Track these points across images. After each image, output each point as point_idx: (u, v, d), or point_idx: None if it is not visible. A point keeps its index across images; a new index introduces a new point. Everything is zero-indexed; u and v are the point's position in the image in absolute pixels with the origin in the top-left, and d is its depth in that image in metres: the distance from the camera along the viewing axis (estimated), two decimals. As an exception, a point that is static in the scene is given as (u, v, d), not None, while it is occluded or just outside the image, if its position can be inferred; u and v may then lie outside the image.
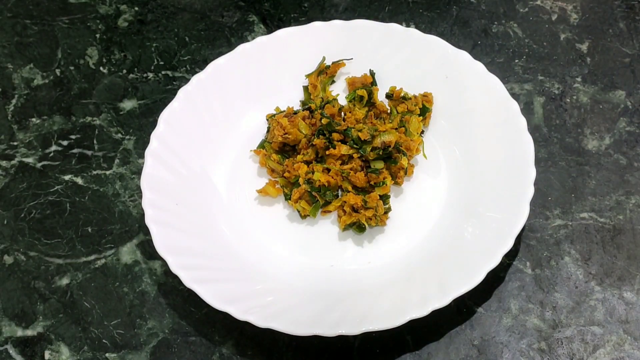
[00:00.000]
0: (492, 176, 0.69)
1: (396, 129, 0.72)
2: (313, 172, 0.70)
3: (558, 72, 0.80)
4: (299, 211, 0.70)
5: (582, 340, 0.64)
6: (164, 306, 0.67)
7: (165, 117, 0.72)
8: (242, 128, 0.76)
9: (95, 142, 0.78)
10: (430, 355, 0.63)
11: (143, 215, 0.67)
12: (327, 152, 0.70)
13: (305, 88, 0.77)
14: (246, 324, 0.61)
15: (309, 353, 0.64)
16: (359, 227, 0.69)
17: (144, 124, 0.79)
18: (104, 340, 0.66)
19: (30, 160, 0.77)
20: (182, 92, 0.74)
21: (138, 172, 0.75)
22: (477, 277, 0.62)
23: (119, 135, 0.78)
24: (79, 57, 0.85)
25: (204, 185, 0.72)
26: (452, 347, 0.64)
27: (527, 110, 0.77)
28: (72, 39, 0.86)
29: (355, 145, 0.70)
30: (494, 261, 0.63)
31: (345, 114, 0.74)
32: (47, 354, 0.65)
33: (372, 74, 0.77)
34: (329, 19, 0.79)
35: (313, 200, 0.70)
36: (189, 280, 0.63)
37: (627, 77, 0.79)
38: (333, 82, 0.78)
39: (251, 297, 0.64)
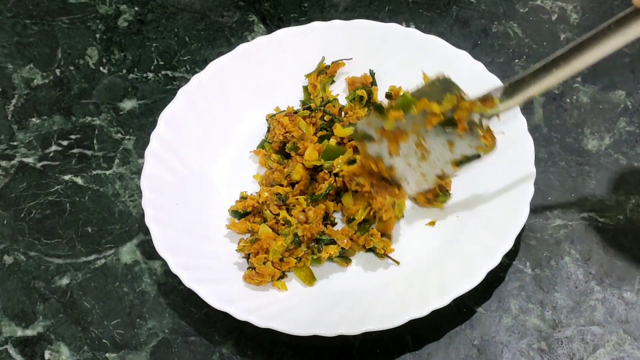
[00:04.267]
0: (492, 176, 0.69)
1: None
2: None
3: (558, 72, 0.80)
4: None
5: (582, 340, 0.64)
6: (164, 306, 0.67)
7: (165, 117, 0.72)
8: (242, 128, 0.76)
9: (95, 142, 0.78)
10: (430, 355, 0.63)
11: (143, 215, 0.67)
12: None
13: (305, 88, 0.77)
14: (246, 324, 0.61)
15: (309, 353, 0.64)
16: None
17: (144, 124, 0.79)
18: (104, 340, 0.66)
19: (30, 160, 0.77)
20: (182, 92, 0.74)
21: (138, 172, 0.75)
22: (477, 277, 0.62)
23: (119, 135, 0.78)
24: (79, 57, 0.85)
25: (204, 185, 0.72)
26: (452, 347, 0.64)
27: (527, 110, 0.77)
28: (72, 39, 0.86)
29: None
30: (494, 261, 0.63)
31: (346, 114, 0.74)
32: (47, 354, 0.65)
33: (372, 74, 0.77)
34: (329, 19, 0.79)
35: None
36: (189, 280, 0.63)
37: (627, 77, 0.79)
38: (333, 82, 0.78)
39: (251, 297, 0.64)
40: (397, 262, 0.67)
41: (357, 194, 0.67)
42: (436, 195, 0.69)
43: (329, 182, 0.68)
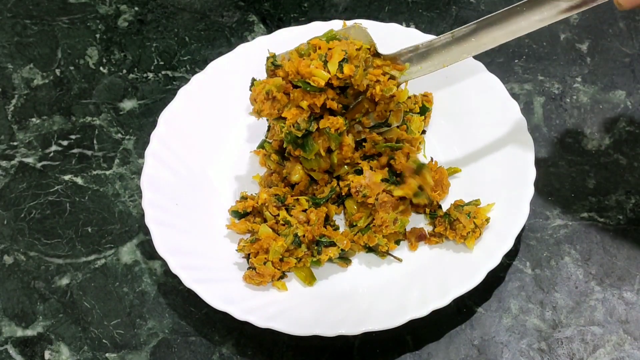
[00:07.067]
0: (492, 176, 0.69)
1: (397, 126, 0.72)
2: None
3: (558, 72, 0.80)
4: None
5: (582, 340, 0.64)
6: (164, 306, 0.67)
7: (165, 117, 0.73)
8: (242, 128, 0.76)
9: (95, 142, 0.78)
10: (430, 355, 0.63)
11: (143, 215, 0.67)
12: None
13: None
14: (246, 324, 0.61)
15: (309, 353, 0.64)
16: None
17: (144, 124, 0.79)
18: (104, 340, 0.66)
19: (30, 160, 0.77)
20: (182, 92, 0.74)
21: (138, 172, 0.75)
22: (477, 277, 0.62)
23: (119, 135, 0.78)
24: (79, 57, 0.85)
25: (204, 185, 0.72)
26: (452, 347, 0.64)
27: (527, 110, 0.77)
28: (72, 39, 0.86)
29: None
30: (494, 261, 0.63)
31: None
32: (47, 354, 0.65)
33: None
34: (329, 19, 0.79)
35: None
36: (189, 280, 0.63)
37: (627, 77, 0.79)
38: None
39: (251, 297, 0.64)
40: (400, 260, 0.67)
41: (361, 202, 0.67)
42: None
43: (331, 186, 0.68)
